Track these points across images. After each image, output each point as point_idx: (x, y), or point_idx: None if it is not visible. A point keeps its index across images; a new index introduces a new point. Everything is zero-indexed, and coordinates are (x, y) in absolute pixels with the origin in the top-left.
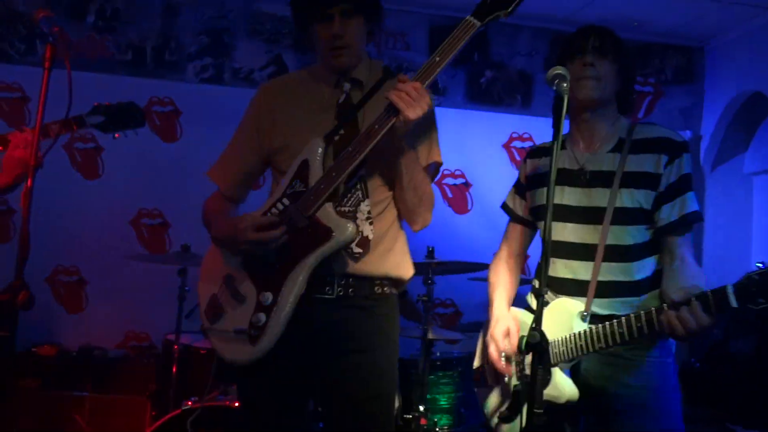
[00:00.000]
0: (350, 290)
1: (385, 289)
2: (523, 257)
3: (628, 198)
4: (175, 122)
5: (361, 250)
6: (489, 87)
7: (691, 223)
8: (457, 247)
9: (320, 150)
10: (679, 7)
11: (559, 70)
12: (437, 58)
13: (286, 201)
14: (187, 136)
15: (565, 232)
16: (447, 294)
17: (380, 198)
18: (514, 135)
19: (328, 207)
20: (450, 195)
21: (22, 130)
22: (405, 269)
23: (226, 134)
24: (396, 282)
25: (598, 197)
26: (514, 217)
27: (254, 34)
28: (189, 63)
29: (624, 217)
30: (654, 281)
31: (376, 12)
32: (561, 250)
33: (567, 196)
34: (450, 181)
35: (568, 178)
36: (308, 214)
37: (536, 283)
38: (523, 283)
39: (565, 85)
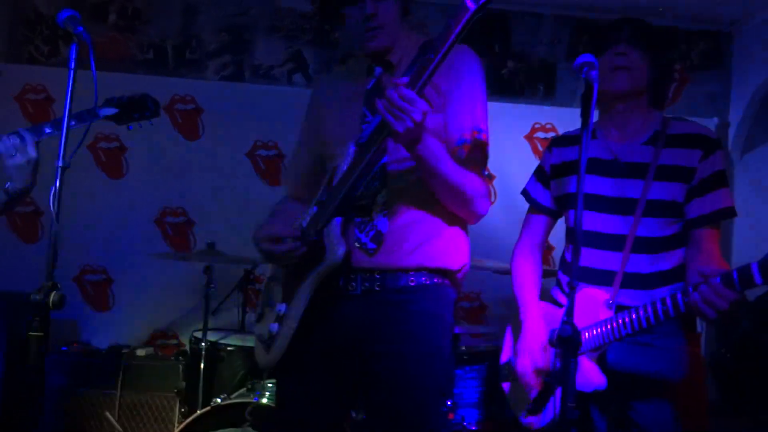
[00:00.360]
0: (376, 285)
1: (424, 279)
2: (544, 247)
3: (662, 190)
4: (197, 120)
5: (374, 246)
6: (510, 78)
7: (721, 218)
8: (481, 239)
9: (350, 155)
10: None
11: (586, 57)
12: (431, 55)
13: (314, 209)
14: (209, 133)
15: (594, 221)
16: (471, 287)
17: (401, 186)
18: (537, 126)
19: (335, 222)
20: None
21: (9, 136)
22: (450, 259)
23: (247, 130)
24: (440, 272)
25: (631, 188)
26: (536, 206)
27: (274, 30)
28: (209, 61)
29: (656, 209)
30: (680, 274)
31: None
32: (589, 239)
33: (598, 185)
34: None
35: (600, 167)
36: (317, 228)
37: (562, 277)
38: (547, 275)
39: (594, 72)
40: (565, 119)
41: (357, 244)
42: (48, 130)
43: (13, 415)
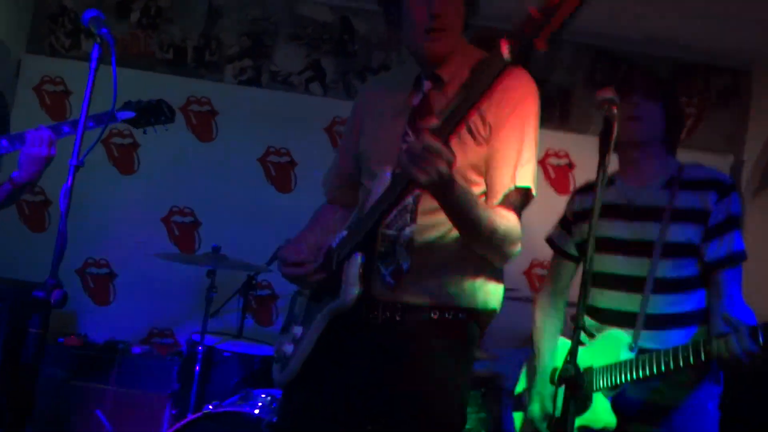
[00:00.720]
0: (397, 315)
1: (447, 314)
2: (568, 292)
3: (679, 232)
4: (212, 122)
5: (393, 282)
6: None
7: (738, 260)
8: None
9: (385, 182)
10: (727, 29)
11: (608, 93)
12: (462, 102)
13: (344, 233)
14: (223, 136)
15: (613, 264)
16: None
17: (431, 222)
18: (550, 151)
19: (355, 258)
20: None
21: (38, 128)
22: (477, 302)
23: (260, 135)
24: (466, 311)
25: (648, 231)
26: (560, 253)
27: (295, 38)
28: (229, 64)
29: (673, 250)
30: (703, 316)
31: None
32: (610, 282)
33: (615, 229)
34: None
35: (616, 211)
36: (339, 259)
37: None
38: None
39: (615, 110)
40: (579, 146)
41: (379, 278)
42: (66, 130)
43: (7, 404)
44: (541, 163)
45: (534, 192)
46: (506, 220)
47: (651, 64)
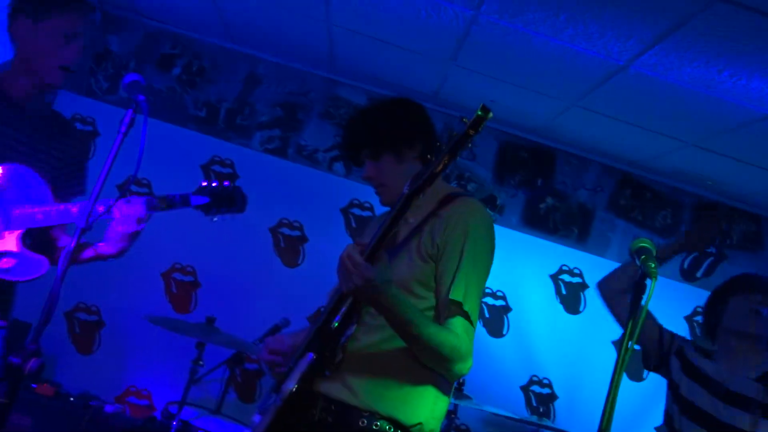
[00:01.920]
0: (330, 416)
1: (375, 425)
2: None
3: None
4: None
5: (328, 372)
6: (547, 214)
7: None
8: (490, 372)
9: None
10: (755, 175)
11: (644, 243)
12: (379, 228)
13: (313, 329)
14: None
15: None
16: (463, 419)
17: (374, 324)
18: (564, 268)
19: (308, 358)
20: (487, 315)
21: (128, 201)
22: (406, 413)
23: (276, 205)
24: (393, 422)
25: (739, 420)
26: (661, 328)
27: (327, 116)
28: (258, 131)
29: None
30: None
31: (404, 142)
32: None
33: (703, 399)
34: (490, 300)
35: (708, 384)
36: (297, 357)
37: None
38: None
39: (652, 265)
40: (595, 268)
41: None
42: (155, 204)
43: None
44: (554, 277)
45: (465, 307)
46: (453, 335)
47: (676, 196)
